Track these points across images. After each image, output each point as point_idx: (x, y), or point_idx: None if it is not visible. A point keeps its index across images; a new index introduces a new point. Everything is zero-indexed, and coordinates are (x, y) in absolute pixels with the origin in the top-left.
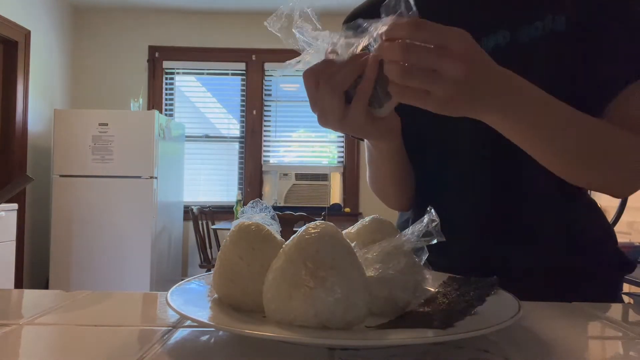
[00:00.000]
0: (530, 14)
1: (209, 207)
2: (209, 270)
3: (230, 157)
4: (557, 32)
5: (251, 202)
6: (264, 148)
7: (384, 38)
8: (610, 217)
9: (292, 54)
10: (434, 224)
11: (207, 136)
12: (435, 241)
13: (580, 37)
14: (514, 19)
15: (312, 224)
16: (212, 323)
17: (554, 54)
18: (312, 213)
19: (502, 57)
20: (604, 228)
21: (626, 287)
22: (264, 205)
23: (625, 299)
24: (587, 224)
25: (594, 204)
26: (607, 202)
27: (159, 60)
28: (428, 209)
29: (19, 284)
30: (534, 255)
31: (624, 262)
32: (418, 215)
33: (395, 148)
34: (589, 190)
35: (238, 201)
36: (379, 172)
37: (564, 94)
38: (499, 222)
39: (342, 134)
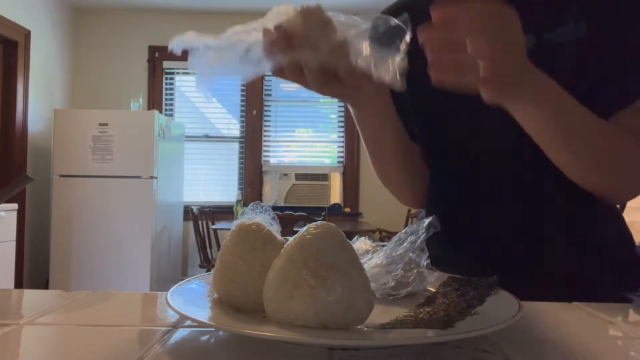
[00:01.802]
0: (554, 20)
1: (209, 207)
2: (209, 270)
3: (230, 157)
4: (579, 37)
5: (251, 204)
6: (264, 148)
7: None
8: None
9: None
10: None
11: (207, 136)
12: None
13: (601, 43)
14: (539, 24)
15: (313, 224)
16: (212, 323)
17: (576, 60)
18: (312, 213)
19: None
20: (622, 234)
21: None
22: (264, 207)
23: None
24: (604, 229)
25: (615, 210)
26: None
27: (159, 60)
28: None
29: (19, 284)
30: (549, 259)
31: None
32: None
33: (382, 115)
34: None
35: (238, 201)
36: (377, 148)
37: (582, 98)
38: (516, 225)
39: (342, 134)
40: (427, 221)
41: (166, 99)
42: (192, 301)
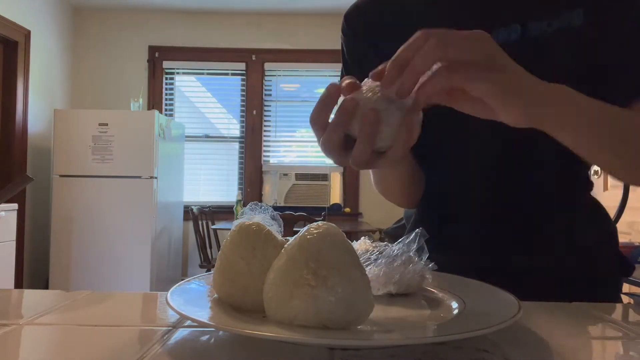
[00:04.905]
0: (543, 8)
1: (209, 207)
2: (209, 270)
3: (230, 157)
4: (572, 26)
5: (250, 204)
6: (264, 148)
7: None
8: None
9: (292, 54)
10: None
11: (207, 136)
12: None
13: (597, 33)
14: (525, 13)
15: (314, 224)
16: (212, 323)
17: (568, 50)
18: (312, 213)
19: (513, 52)
20: (606, 229)
21: (626, 287)
22: (263, 207)
23: (625, 299)
24: (588, 224)
25: (597, 204)
26: (607, 202)
27: (159, 60)
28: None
29: (19, 284)
30: (535, 255)
31: (623, 264)
32: (421, 214)
33: (402, 167)
34: (590, 191)
35: (238, 201)
36: (386, 182)
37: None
38: (501, 222)
39: None
40: (416, 233)
41: (166, 99)
42: (192, 301)
